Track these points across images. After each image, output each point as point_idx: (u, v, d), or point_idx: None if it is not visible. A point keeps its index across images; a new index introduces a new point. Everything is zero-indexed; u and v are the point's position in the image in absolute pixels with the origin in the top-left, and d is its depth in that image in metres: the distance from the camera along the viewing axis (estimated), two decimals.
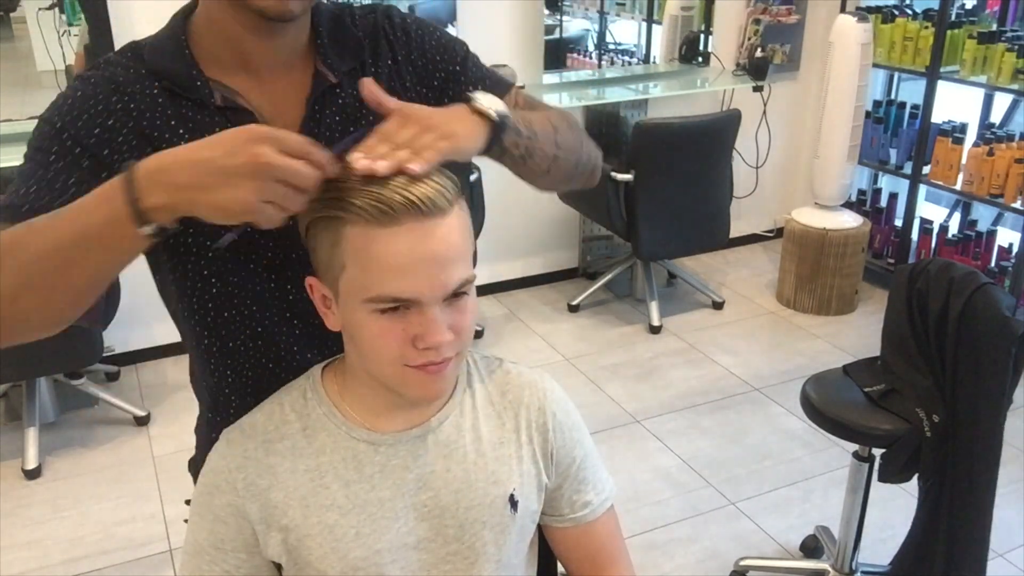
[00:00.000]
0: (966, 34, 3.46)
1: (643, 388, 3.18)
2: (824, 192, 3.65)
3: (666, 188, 3.38)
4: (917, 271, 1.91)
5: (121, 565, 2.32)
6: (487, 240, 3.56)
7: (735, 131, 3.48)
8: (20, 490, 2.62)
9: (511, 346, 3.47)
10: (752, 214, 4.35)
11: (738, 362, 3.36)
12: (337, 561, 0.95)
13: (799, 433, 2.89)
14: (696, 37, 3.96)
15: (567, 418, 1.07)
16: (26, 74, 2.90)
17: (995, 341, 1.75)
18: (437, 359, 0.87)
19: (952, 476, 1.86)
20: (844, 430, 1.96)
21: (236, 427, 0.99)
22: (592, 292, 3.81)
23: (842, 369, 2.10)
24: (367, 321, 0.86)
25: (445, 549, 0.99)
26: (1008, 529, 2.44)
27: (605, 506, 1.10)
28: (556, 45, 3.75)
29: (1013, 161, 3.27)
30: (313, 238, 0.88)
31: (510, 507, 1.00)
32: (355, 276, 0.85)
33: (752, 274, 4.14)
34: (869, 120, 3.78)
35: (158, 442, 2.84)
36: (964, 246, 3.59)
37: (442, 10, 3.50)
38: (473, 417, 1.02)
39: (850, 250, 3.62)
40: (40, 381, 2.86)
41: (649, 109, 3.91)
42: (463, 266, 0.87)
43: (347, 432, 0.96)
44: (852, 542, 2.13)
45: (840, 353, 3.39)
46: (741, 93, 3.98)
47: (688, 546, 2.40)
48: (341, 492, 0.95)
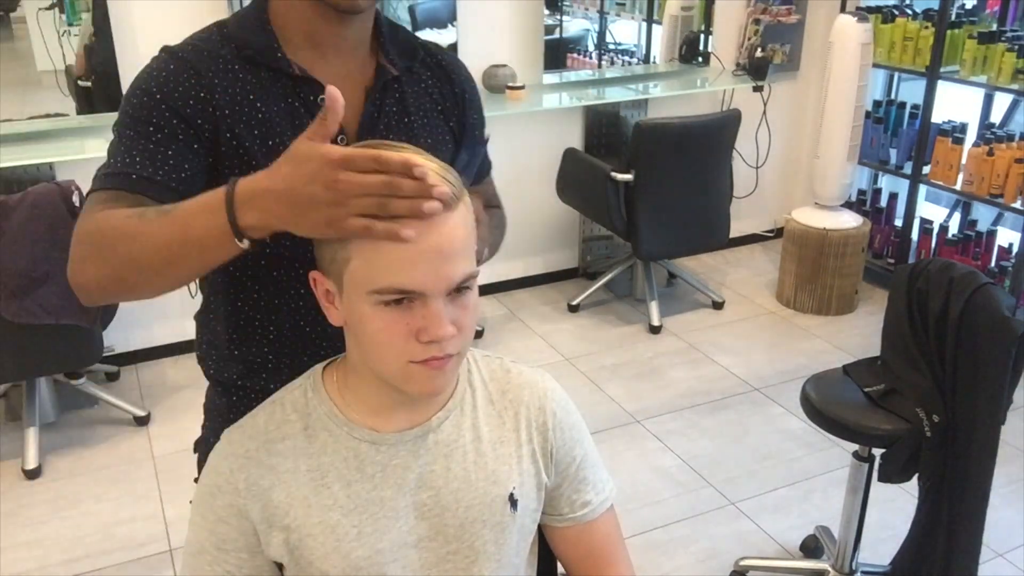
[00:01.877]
0: (966, 34, 3.46)
1: (643, 388, 3.18)
2: (824, 192, 3.65)
3: (666, 188, 3.38)
4: (917, 271, 1.91)
5: (121, 565, 2.32)
6: None
7: (735, 131, 3.48)
8: (20, 490, 2.62)
9: (511, 346, 3.47)
10: (752, 214, 4.35)
11: (738, 362, 3.36)
12: (339, 560, 0.95)
13: (799, 433, 2.89)
14: (696, 37, 3.96)
15: (567, 417, 1.07)
16: (26, 74, 2.90)
17: (995, 341, 1.75)
18: (440, 354, 0.87)
19: (952, 476, 1.86)
20: (844, 430, 1.96)
21: (237, 427, 1.00)
22: (592, 292, 3.81)
23: (842, 369, 2.10)
24: (371, 314, 0.86)
25: (445, 548, 0.99)
26: (1008, 529, 2.44)
27: (605, 506, 1.10)
28: (556, 45, 3.75)
29: (1013, 161, 3.27)
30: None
31: (510, 506, 1.01)
32: (360, 268, 0.85)
33: (752, 274, 4.15)
34: (869, 120, 3.78)
35: (158, 442, 2.84)
36: (964, 246, 3.59)
37: (442, 10, 3.50)
38: (473, 416, 1.02)
39: (850, 250, 3.62)
40: (40, 381, 2.86)
41: (649, 109, 3.91)
42: (467, 261, 0.87)
43: (348, 432, 0.97)
44: (852, 542, 2.14)
45: (840, 353, 3.39)
46: (741, 93, 3.98)
47: (688, 546, 2.40)
48: (343, 492, 0.95)
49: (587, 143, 3.86)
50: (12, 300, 2.42)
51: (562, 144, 3.65)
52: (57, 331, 2.53)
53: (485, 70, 3.51)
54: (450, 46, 3.50)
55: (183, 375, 3.19)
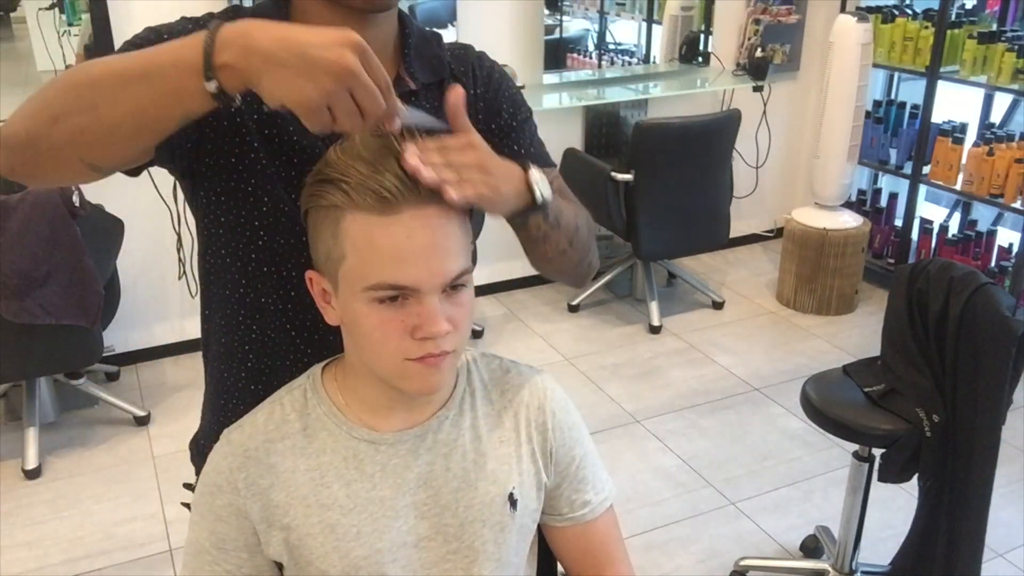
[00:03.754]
0: (966, 34, 3.46)
1: (643, 388, 3.18)
2: (824, 192, 3.65)
3: (666, 188, 3.38)
4: (917, 271, 1.91)
5: (121, 565, 2.32)
6: (487, 240, 3.53)
7: (735, 131, 3.48)
8: (20, 490, 2.62)
9: (511, 346, 3.47)
10: (752, 214, 4.35)
11: (738, 362, 3.36)
12: (338, 560, 0.95)
13: (799, 433, 2.89)
14: (696, 37, 3.96)
15: (567, 417, 1.07)
16: (26, 74, 2.90)
17: (995, 341, 1.75)
18: (436, 351, 0.87)
19: (952, 476, 1.86)
20: (844, 430, 1.96)
21: (237, 427, 1.00)
22: (592, 292, 3.81)
23: (842, 369, 2.10)
24: (366, 312, 0.86)
25: (445, 548, 0.99)
26: (1008, 529, 2.44)
27: (604, 506, 1.10)
28: (556, 45, 3.74)
29: (1013, 161, 3.27)
30: (313, 230, 0.90)
31: (510, 506, 1.01)
32: (355, 265, 0.85)
33: (752, 274, 4.15)
34: (869, 120, 3.79)
35: (158, 442, 2.84)
36: (964, 246, 3.59)
37: (442, 10, 3.50)
38: (473, 416, 1.02)
39: (850, 250, 3.62)
40: (40, 381, 2.86)
41: (649, 109, 3.91)
42: (462, 257, 0.88)
43: (348, 431, 0.97)
44: (852, 542, 2.14)
45: (840, 353, 3.39)
46: (741, 93, 3.98)
47: (688, 546, 2.40)
48: (342, 491, 0.95)
49: (587, 143, 3.86)
50: (12, 300, 2.42)
51: (562, 144, 3.65)
52: (57, 331, 2.53)
53: None
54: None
55: (183, 375, 3.19)
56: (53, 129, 0.79)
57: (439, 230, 0.84)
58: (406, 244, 0.83)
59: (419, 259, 0.84)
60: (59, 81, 0.81)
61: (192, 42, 0.77)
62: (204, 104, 0.78)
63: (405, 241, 0.83)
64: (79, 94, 0.79)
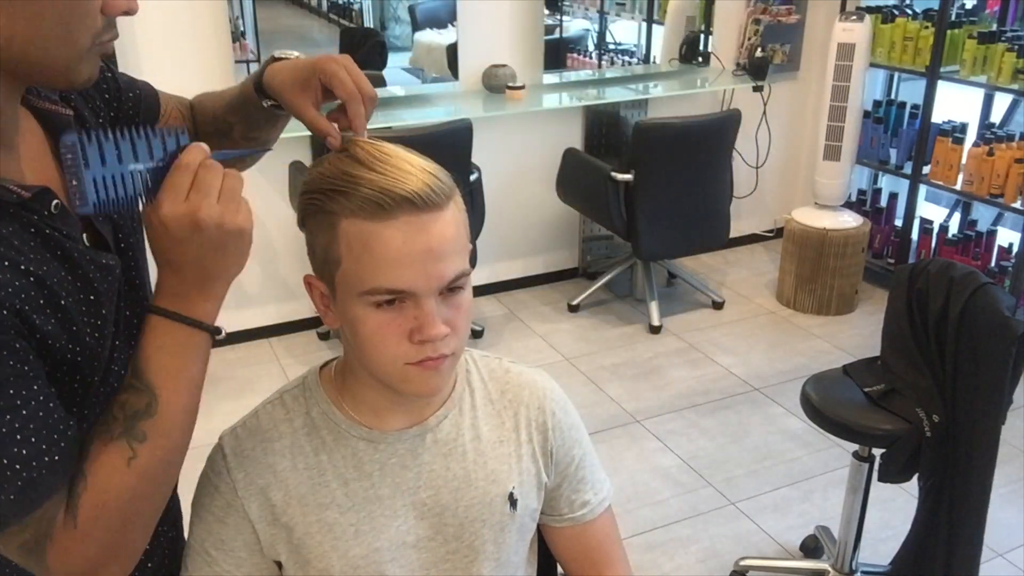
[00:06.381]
0: (966, 34, 3.46)
1: (643, 388, 3.18)
2: (824, 192, 3.65)
3: (666, 188, 3.38)
4: (917, 271, 1.91)
5: None
6: (487, 240, 3.56)
7: (735, 131, 3.48)
8: None
9: (511, 346, 3.47)
10: (752, 214, 4.35)
11: (738, 362, 3.36)
12: (337, 559, 0.95)
13: (799, 433, 2.89)
14: (696, 37, 3.96)
15: (566, 417, 1.07)
16: None
17: (995, 341, 1.75)
18: (434, 354, 0.87)
19: (952, 476, 1.86)
20: (844, 430, 1.96)
21: (235, 427, 0.99)
22: (592, 292, 3.80)
23: (842, 369, 2.10)
24: (364, 316, 0.86)
25: (444, 548, 0.99)
26: (1008, 529, 2.43)
27: (603, 506, 1.10)
28: (556, 45, 3.74)
29: (1013, 161, 3.27)
30: (309, 235, 0.89)
31: (509, 505, 1.01)
32: (351, 270, 0.85)
33: (752, 274, 4.14)
34: (869, 120, 3.79)
35: None
36: (964, 246, 3.59)
37: (442, 10, 3.50)
38: (472, 416, 1.02)
39: (850, 250, 3.62)
40: None
41: (649, 109, 3.91)
42: (459, 260, 0.87)
43: (346, 430, 0.97)
44: (852, 542, 2.13)
45: (840, 353, 3.39)
46: (741, 93, 3.98)
47: (688, 546, 2.40)
48: (340, 490, 0.95)
49: (587, 143, 3.86)
50: None
51: (562, 144, 3.65)
52: None
53: (485, 70, 3.51)
54: (450, 46, 3.51)
55: None
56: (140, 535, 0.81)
57: (435, 234, 0.84)
58: (402, 248, 0.83)
59: (415, 263, 0.84)
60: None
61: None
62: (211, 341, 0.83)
63: (401, 245, 0.83)
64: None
